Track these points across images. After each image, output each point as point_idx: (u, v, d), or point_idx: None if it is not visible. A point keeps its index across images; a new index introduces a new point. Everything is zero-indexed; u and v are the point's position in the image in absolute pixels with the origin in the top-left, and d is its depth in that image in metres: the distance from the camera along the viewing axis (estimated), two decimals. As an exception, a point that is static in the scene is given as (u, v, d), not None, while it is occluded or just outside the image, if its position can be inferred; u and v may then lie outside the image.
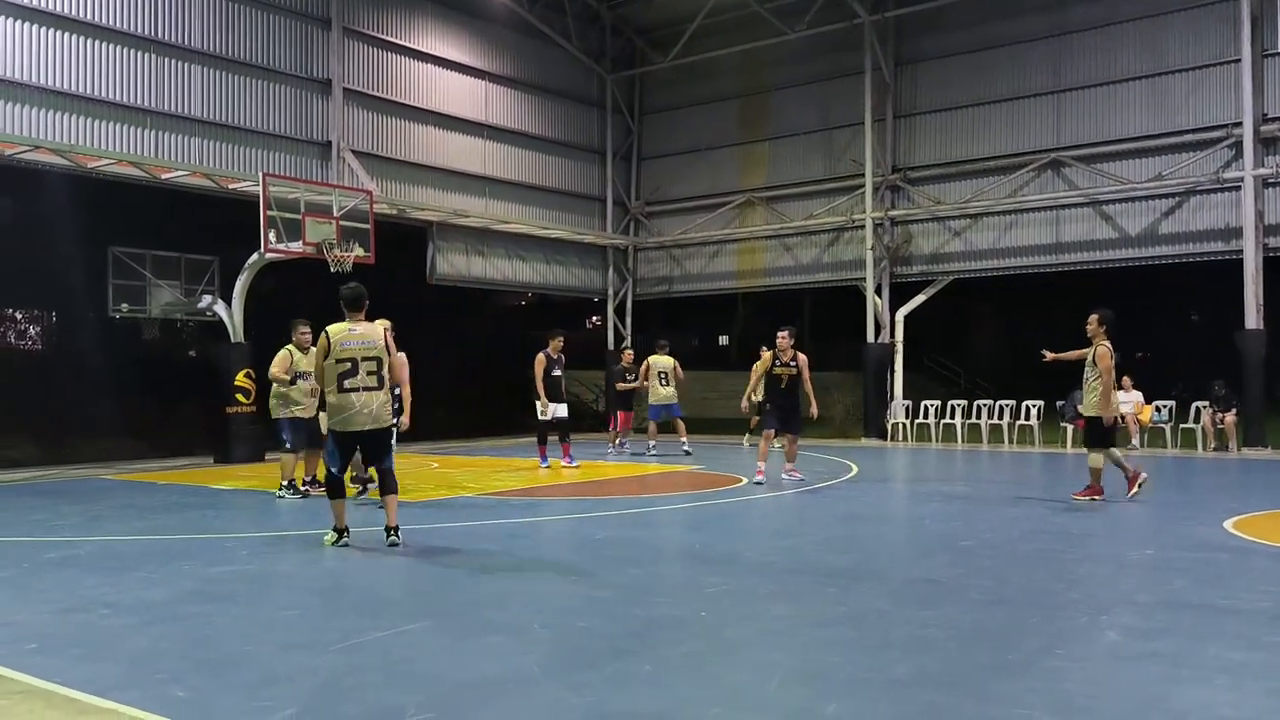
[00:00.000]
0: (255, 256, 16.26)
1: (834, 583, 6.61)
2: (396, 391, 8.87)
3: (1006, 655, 4.86)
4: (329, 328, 7.95)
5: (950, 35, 21.15)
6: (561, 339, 14.53)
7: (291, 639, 5.20)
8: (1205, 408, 17.79)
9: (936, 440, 20.05)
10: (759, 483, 12.03)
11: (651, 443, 17.17)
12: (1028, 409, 19.54)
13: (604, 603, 6.05)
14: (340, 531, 8.02)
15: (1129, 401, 18.36)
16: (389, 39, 20.19)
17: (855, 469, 14.48)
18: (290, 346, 11.34)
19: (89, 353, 20.79)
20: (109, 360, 20.45)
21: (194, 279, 18.54)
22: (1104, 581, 6.61)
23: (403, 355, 9.00)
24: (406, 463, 15.72)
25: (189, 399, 19.61)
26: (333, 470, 7.99)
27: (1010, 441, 19.28)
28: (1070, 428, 18.65)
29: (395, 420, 8.66)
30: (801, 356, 12.25)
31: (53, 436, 17.93)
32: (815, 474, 13.78)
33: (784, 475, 12.46)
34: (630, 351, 18.79)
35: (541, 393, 14.07)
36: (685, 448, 16.71)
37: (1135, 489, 10.44)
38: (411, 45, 20.62)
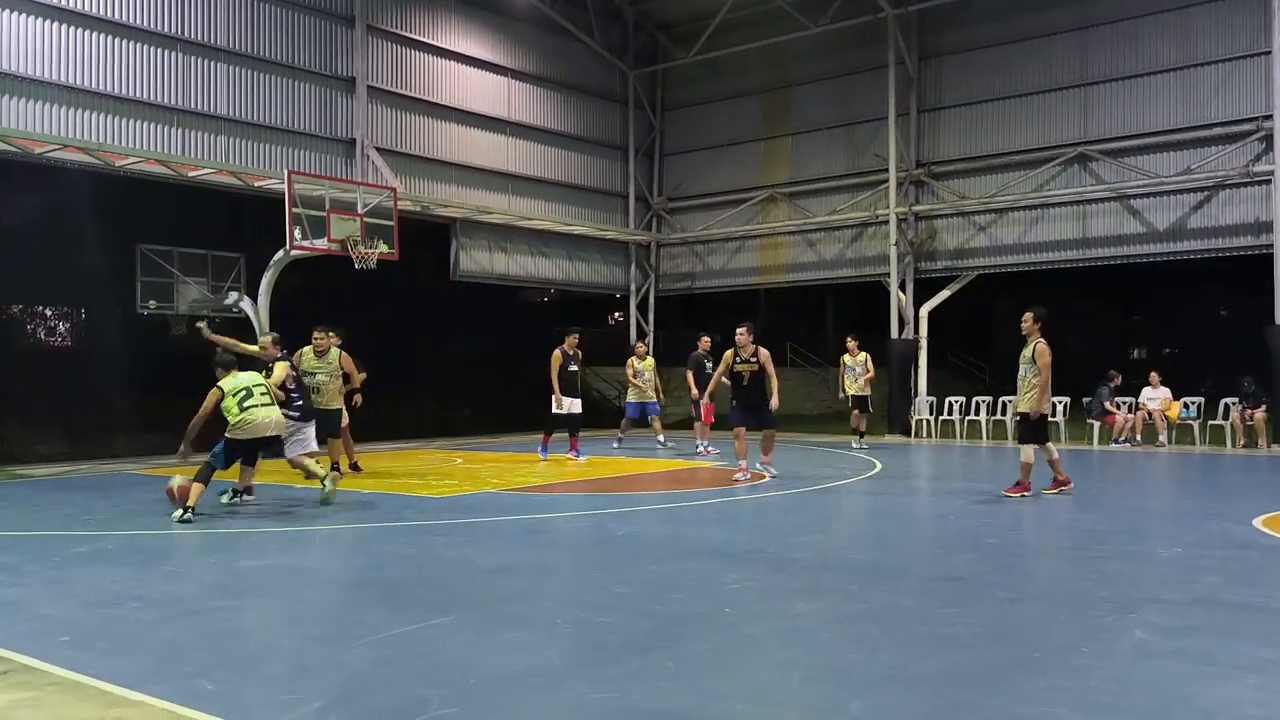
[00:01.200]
0: (281, 253, 16.36)
1: (857, 580, 6.59)
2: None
3: (1032, 653, 4.83)
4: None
5: (974, 28, 20.99)
6: (577, 335, 15.09)
7: (318, 633, 5.24)
8: (1234, 404, 17.59)
9: (961, 437, 19.93)
10: (737, 480, 11.92)
11: (621, 436, 17.79)
12: (1053, 405, 19.37)
13: (626, 599, 6.06)
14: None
15: (1156, 398, 18.20)
16: (413, 36, 20.25)
17: (879, 466, 14.42)
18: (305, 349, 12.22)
19: (117, 349, 20.98)
20: (137, 357, 20.64)
21: (220, 276, 18.68)
22: (1131, 579, 6.55)
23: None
24: (431, 458, 15.82)
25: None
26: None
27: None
28: (1096, 424, 18.51)
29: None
30: (763, 351, 12.12)
31: (82, 432, 18.11)
32: (838, 471, 13.75)
33: (758, 466, 12.42)
34: (706, 340, 17.08)
35: (556, 388, 14.73)
36: (661, 440, 17.40)
37: (1055, 490, 10.56)
38: (435, 42, 20.68)
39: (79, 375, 20.67)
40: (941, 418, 20.45)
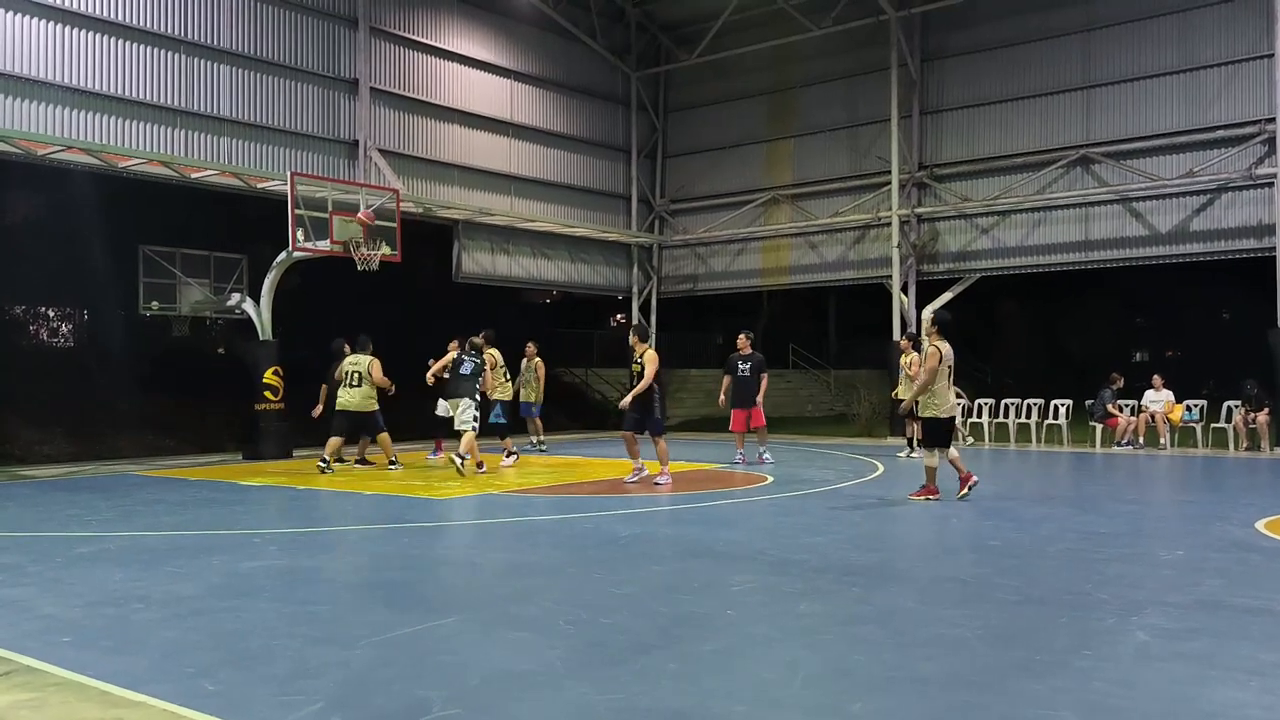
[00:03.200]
0: (283, 255, 16.39)
1: (860, 581, 6.58)
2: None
3: (1035, 655, 4.83)
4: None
5: (978, 30, 21.00)
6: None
7: (320, 633, 5.24)
8: (1237, 407, 17.58)
9: (962, 440, 19.91)
10: (630, 480, 11.91)
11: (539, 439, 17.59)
12: (1056, 408, 19.39)
13: (629, 600, 6.06)
14: None
15: (1159, 401, 18.19)
16: (415, 38, 20.27)
17: (880, 468, 14.41)
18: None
19: (120, 350, 21.00)
20: (139, 358, 20.67)
21: (223, 277, 18.72)
22: (1134, 582, 6.54)
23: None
24: (434, 460, 15.80)
25: (218, 396, 19.79)
26: None
27: (1038, 441, 19.13)
28: (1099, 427, 18.49)
29: None
30: (650, 353, 11.85)
31: (85, 433, 18.12)
32: (840, 473, 13.74)
33: (631, 477, 12.10)
34: (744, 339, 15.33)
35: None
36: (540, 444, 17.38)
37: (966, 490, 10.55)
38: (438, 44, 20.69)
39: (82, 376, 20.67)
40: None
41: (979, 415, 19.88)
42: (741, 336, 15.18)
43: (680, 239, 25.33)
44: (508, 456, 14.71)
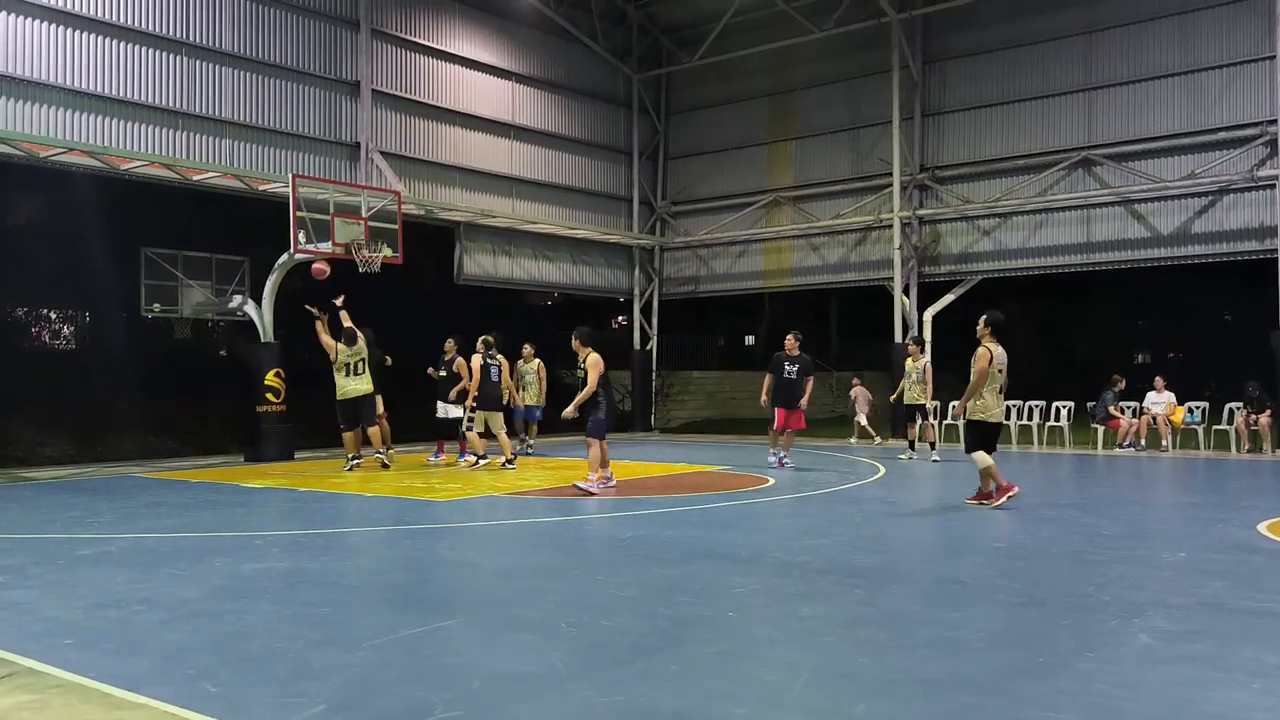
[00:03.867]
0: (285, 257, 16.40)
1: (862, 583, 6.58)
2: None
3: (1038, 657, 4.82)
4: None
5: (979, 32, 21.00)
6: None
7: (322, 635, 5.24)
8: (1239, 409, 17.57)
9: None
10: (580, 487, 11.41)
11: (530, 440, 17.31)
12: (1057, 410, 19.37)
13: (631, 602, 6.06)
14: None
15: (1160, 402, 18.17)
16: (417, 40, 20.29)
17: (882, 470, 14.40)
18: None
19: (122, 352, 21.02)
20: (141, 360, 20.68)
21: (225, 279, 18.72)
22: (1136, 584, 6.54)
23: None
24: (435, 462, 15.80)
25: (220, 398, 19.80)
26: None
27: (1040, 443, 19.12)
28: (1101, 429, 18.47)
29: None
30: (592, 357, 11.37)
31: (87, 435, 18.14)
32: (842, 475, 13.73)
33: (578, 483, 11.53)
34: (792, 339, 14.83)
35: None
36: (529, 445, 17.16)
37: (979, 501, 10.26)
38: (439, 46, 20.71)
39: (84, 378, 20.69)
40: (945, 422, 20.41)
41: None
42: (790, 338, 14.69)
43: (682, 241, 25.33)
44: (473, 457, 14.88)
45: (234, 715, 4.04)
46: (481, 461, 14.60)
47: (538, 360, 17.16)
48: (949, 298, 21.53)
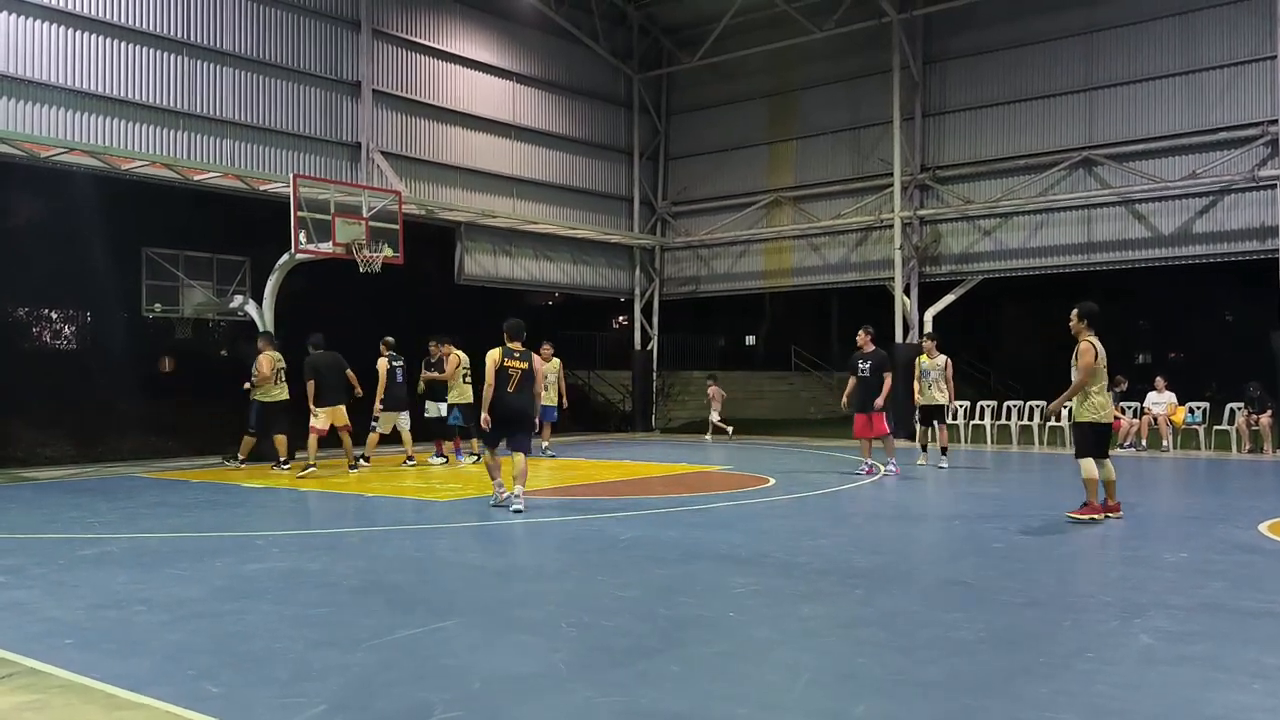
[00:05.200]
0: (286, 257, 16.40)
1: (862, 584, 6.58)
2: None
3: (1038, 658, 4.82)
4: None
5: (980, 33, 20.99)
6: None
7: (322, 636, 5.24)
8: (1239, 409, 17.56)
9: (966, 441, 19.89)
10: (494, 504, 10.23)
11: (547, 444, 17.04)
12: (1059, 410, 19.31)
13: (631, 602, 6.06)
14: None
15: (1161, 403, 18.17)
16: (418, 40, 20.29)
17: (882, 470, 14.39)
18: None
19: (123, 352, 21.03)
20: (142, 360, 20.68)
21: (225, 279, 18.73)
22: (1137, 585, 6.54)
23: None
24: (435, 463, 15.80)
25: (220, 398, 19.81)
26: None
27: (1041, 443, 19.11)
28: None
29: None
30: (536, 356, 10.47)
31: (88, 435, 18.14)
32: (843, 476, 13.72)
33: (502, 498, 10.22)
34: (864, 335, 13.97)
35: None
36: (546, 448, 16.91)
37: (1098, 516, 9.13)
38: (440, 47, 20.71)
39: (84, 378, 20.69)
40: (946, 422, 20.38)
41: (981, 417, 19.86)
42: (861, 333, 13.74)
43: (683, 241, 25.33)
44: (435, 456, 15.11)
45: (235, 715, 4.04)
46: (469, 459, 14.84)
47: (557, 360, 16.96)
48: (950, 298, 21.52)
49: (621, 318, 34.56)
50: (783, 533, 8.98)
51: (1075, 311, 9.42)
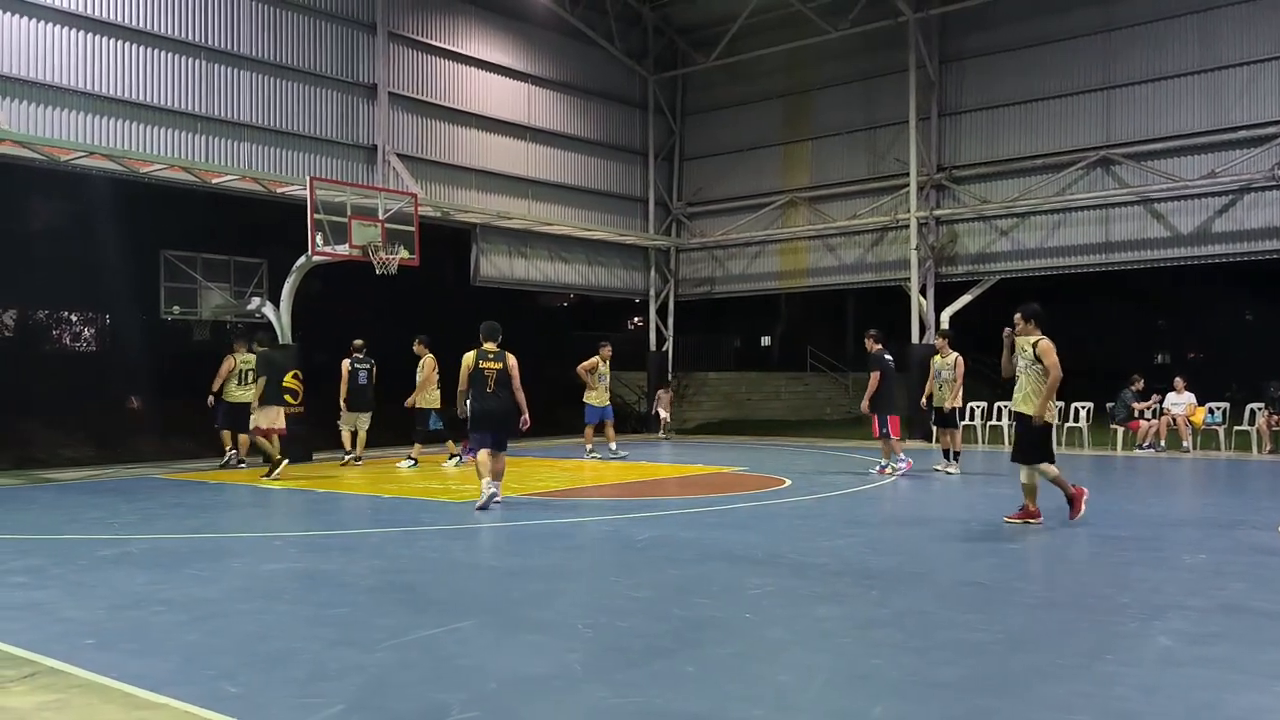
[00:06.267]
0: (303, 259, 16.48)
1: (878, 585, 6.56)
2: None
3: (1055, 660, 4.80)
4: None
5: (996, 32, 20.91)
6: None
7: (339, 636, 5.26)
8: (1260, 409, 17.42)
9: (983, 442, 19.81)
10: (482, 507, 10.10)
11: (591, 445, 16.94)
12: (1076, 410, 19.25)
13: (646, 603, 6.06)
14: None
15: (1180, 403, 18.05)
16: (433, 43, 20.35)
17: (898, 471, 14.33)
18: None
19: (141, 354, 21.18)
20: (161, 361, 20.82)
21: (243, 281, 18.82)
22: (1156, 586, 6.50)
23: None
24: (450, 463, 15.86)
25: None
26: None
27: (1058, 444, 18.97)
28: (1120, 430, 18.36)
29: None
30: (510, 356, 10.45)
31: (107, 436, 18.29)
32: (858, 476, 13.69)
33: (488, 499, 10.20)
34: (871, 341, 14.05)
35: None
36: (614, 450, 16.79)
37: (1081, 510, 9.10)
38: (455, 49, 20.77)
39: (104, 380, 20.86)
40: (962, 423, 20.29)
41: (998, 419, 19.76)
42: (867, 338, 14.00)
43: (698, 242, 25.32)
44: (450, 458, 15.19)
45: (253, 715, 4.07)
46: (451, 461, 15.12)
47: (599, 357, 17.16)
48: (966, 298, 21.43)
49: (636, 319, 34.57)
50: (798, 533, 8.96)
51: (1019, 314, 9.11)
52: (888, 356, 13.87)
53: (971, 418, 20.16)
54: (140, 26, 15.92)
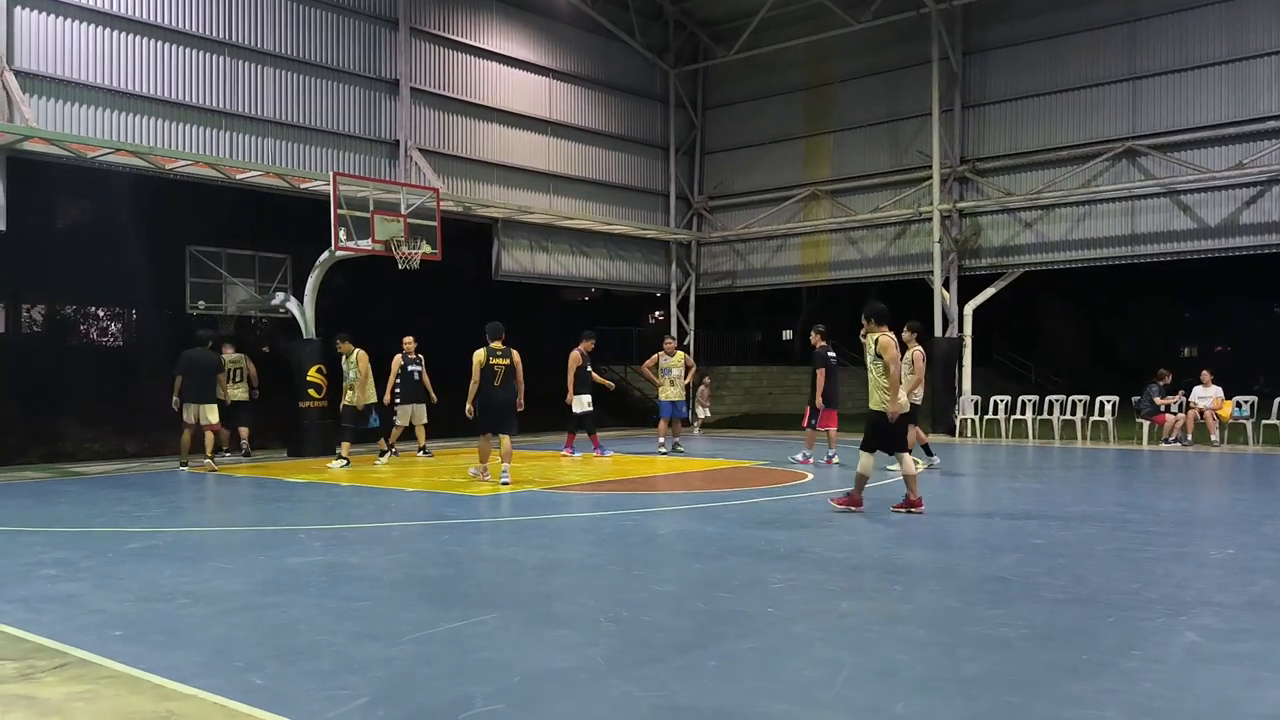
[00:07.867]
0: (326, 254, 16.58)
1: (901, 580, 6.54)
2: None
3: (1081, 655, 4.77)
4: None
5: (1020, 23, 20.74)
6: (593, 341, 15.75)
7: (364, 629, 5.30)
8: (1288, 403, 17.21)
9: (1006, 436, 19.69)
10: (474, 475, 11.71)
11: (662, 439, 16.57)
12: (1102, 404, 19.10)
13: (669, 597, 6.07)
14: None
15: (1207, 397, 17.87)
16: (455, 38, 20.40)
17: (920, 466, 14.26)
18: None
19: (167, 348, 21.35)
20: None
21: (267, 276, 18.97)
22: (1183, 581, 6.44)
23: None
24: (474, 458, 15.92)
25: (262, 394, 20.06)
26: None
27: (1084, 438, 18.86)
28: (1146, 424, 18.20)
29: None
30: (515, 352, 11.75)
31: (134, 430, 18.46)
32: (879, 471, 13.62)
33: (482, 477, 11.96)
34: (817, 337, 15.06)
35: (571, 388, 15.32)
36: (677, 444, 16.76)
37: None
38: (477, 44, 20.81)
39: (131, 374, 21.04)
40: (986, 417, 20.21)
41: (1023, 412, 19.64)
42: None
43: (719, 235, 25.28)
44: (380, 455, 15.13)
45: (280, 706, 4.10)
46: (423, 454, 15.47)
47: (681, 353, 16.84)
48: (990, 291, 21.31)
49: (658, 313, 34.56)
50: (821, 528, 8.94)
51: (863, 314, 10.13)
52: (831, 354, 14.73)
53: (995, 411, 20.04)
54: (166, 24, 16.05)
